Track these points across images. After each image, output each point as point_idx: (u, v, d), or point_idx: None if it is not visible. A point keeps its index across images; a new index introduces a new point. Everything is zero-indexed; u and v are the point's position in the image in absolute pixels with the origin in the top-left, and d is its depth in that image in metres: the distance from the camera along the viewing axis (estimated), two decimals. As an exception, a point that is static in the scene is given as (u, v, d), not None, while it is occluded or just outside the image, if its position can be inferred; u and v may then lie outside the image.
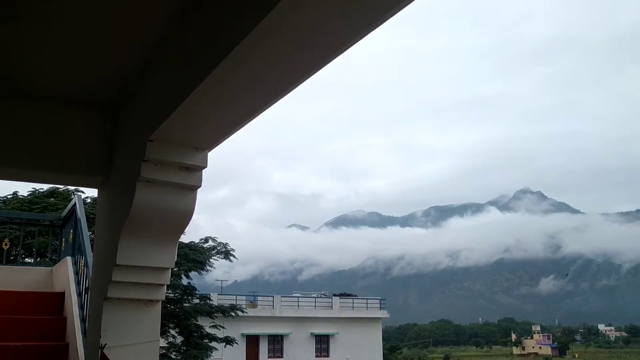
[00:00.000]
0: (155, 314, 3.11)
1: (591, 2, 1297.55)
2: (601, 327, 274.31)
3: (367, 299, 45.44)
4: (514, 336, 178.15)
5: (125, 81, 3.13)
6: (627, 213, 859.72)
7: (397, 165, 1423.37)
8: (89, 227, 7.75)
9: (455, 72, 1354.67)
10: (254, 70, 2.01)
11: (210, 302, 26.51)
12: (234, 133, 2.70)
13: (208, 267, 25.43)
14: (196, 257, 24.40)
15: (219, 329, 25.59)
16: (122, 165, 3.20)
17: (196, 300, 25.39)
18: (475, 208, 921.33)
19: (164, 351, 23.39)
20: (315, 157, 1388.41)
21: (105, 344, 2.84)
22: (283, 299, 44.09)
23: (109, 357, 2.80)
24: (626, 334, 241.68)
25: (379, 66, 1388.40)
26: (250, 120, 2.56)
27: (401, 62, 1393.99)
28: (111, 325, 2.93)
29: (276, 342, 41.43)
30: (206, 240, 26.77)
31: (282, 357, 40.46)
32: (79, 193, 18.85)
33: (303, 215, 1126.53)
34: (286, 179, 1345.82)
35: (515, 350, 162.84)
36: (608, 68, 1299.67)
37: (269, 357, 41.05)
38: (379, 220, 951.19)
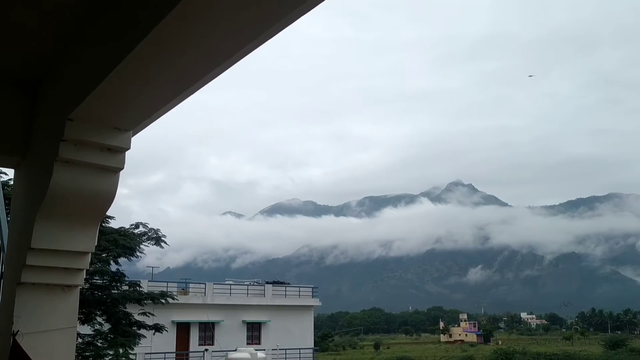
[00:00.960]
0: (72, 300, 2.97)
1: (523, 2, 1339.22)
2: (524, 315, 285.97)
3: (299, 287, 45.70)
4: (442, 324, 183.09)
5: (45, 58, 2.99)
6: (552, 207, 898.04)
7: (333, 155, 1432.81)
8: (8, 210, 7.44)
9: (392, 64, 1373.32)
10: (175, 51, 1.95)
11: (140, 289, 26.00)
12: (159, 115, 2.65)
13: (138, 254, 24.93)
14: (126, 243, 23.85)
15: (149, 317, 25.16)
16: (40, 145, 3.07)
17: (125, 287, 24.87)
18: (409, 199, 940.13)
19: (90, 339, 22.84)
20: (252, 144, 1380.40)
21: (18, 331, 2.73)
22: (215, 286, 43.74)
23: (21, 344, 2.71)
24: (546, 322, 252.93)
25: (317, 55, 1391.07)
26: (177, 103, 2.51)
27: (340, 52, 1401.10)
28: (25, 311, 2.79)
29: (207, 329, 41.13)
30: (137, 226, 26.21)
31: (212, 344, 40.23)
32: None
33: (238, 202, 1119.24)
34: (222, 166, 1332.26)
35: (443, 338, 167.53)
36: (537, 66, 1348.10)
37: (199, 345, 40.72)
38: (314, 209, 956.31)
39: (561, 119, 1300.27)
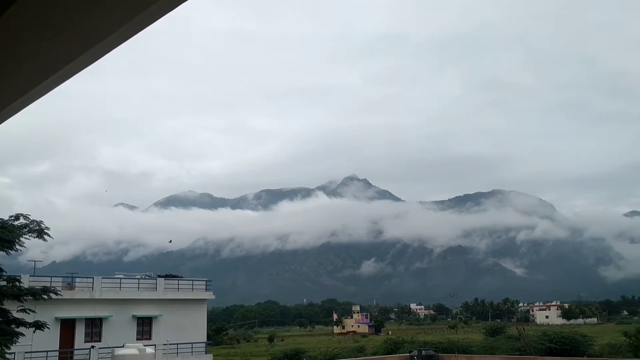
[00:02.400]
0: None
1: (417, 3, 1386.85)
2: (413, 306, 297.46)
3: (193, 280, 44.93)
4: (335, 316, 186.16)
5: None
6: (441, 202, 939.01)
7: (231, 147, 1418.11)
8: None
9: (291, 59, 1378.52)
10: (38, 34, 1.79)
11: (20, 285, 24.59)
12: (28, 101, 2.47)
13: (18, 247, 23.56)
14: (3, 235, 22.47)
15: (29, 313, 23.83)
16: None
17: (2, 283, 23.43)
18: (305, 193, 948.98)
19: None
20: (147, 134, 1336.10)
21: None
22: (104, 280, 42.09)
23: None
24: (434, 312, 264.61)
25: (216, 46, 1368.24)
26: (47, 87, 2.30)
27: (239, 44, 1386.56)
28: None
29: (94, 325, 39.52)
30: (17, 217, 24.74)
31: (100, 341, 38.73)
32: None
33: (131, 194, 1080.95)
34: (115, 156, 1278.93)
35: (336, 330, 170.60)
36: (428, 67, 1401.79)
37: (85, 342, 39.05)
38: (211, 202, 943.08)
39: (451, 119, 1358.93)
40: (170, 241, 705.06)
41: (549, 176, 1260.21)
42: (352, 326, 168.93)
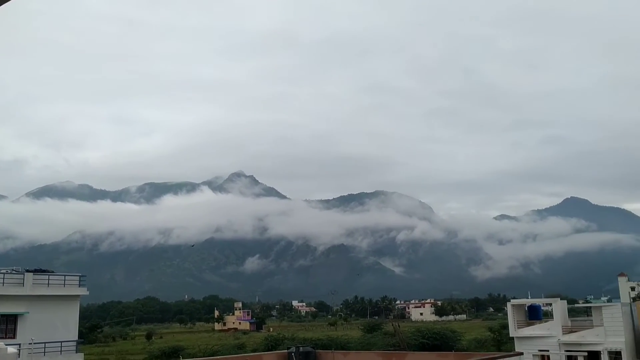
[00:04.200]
0: None
1: (309, 3, 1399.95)
2: (295, 303, 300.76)
3: (65, 275, 42.63)
4: (216, 313, 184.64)
5: None
6: (326, 201, 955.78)
7: (113, 138, 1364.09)
8: None
9: (178, 50, 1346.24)
10: None
11: None
12: None
13: None
14: None
15: None
16: None
17: None
18: (190, 187, 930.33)
19: None
20: (21, 119, 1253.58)
21: None
22: (-36, 275, 38.91)
23: None
24: (315, 309, 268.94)
25: (100, 31, 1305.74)
26: None
27: (124, 31, 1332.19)
28: None
29: (-49, 323, 36.47)
30: None
31: (-43, 340, 35.73)
32: None
33: (1, 182, 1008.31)
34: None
35: (217, 326, 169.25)
36: (319, 67, 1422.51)
37: (-61, 341, 35.87)
38: (90, 193, 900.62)
39: (337, 119, 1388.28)
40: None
41: (428, 180, 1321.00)
42: (234, 323, 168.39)
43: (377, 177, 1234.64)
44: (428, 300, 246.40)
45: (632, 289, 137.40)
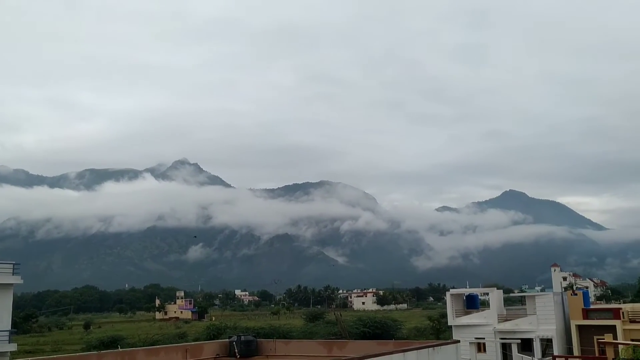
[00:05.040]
0: None
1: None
2: (238, 292, 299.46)
3: (-2, 263, 41.14)
4: (157, 302, 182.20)
5: None
6: (271, 190, 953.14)
7: (51, 122, 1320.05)
8: None
9: (121, 33, 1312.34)
10: None
11: None
12: None
13: None
14: None
15: None
16: None
17: None
18: (132, 174, 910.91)
19: None
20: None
21: None
22: None
23: None
24: (258, 298, 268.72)
25: (34, 9, 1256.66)
26: None
27: (64, 12, 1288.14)
28: None
29: None
30: None
31: None
32: None
33: None
34: None
35: (158, 315, 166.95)
36: (264, 56, 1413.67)
37: None
38: (26, 179, 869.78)
39: (283, 108, 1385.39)
40: None
41: (372, 170, 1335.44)
42: (175, 312, 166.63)
43: (322, 167, 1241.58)
44: (370, 290, 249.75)
45: (564, 279, 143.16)
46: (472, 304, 49.56)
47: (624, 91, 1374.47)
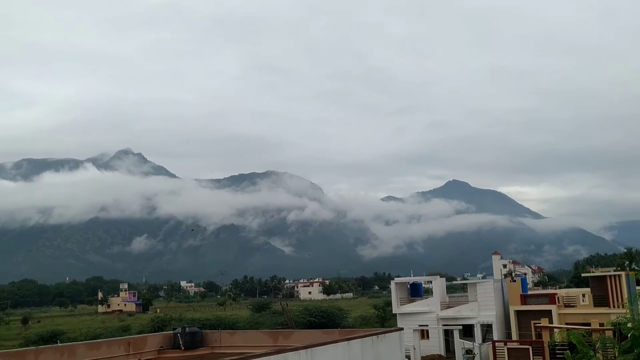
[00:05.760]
0: None
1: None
2: (184, 283, 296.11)
3: None
4: (100, 295, 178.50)
5: None
6: (217, 180, 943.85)
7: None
8: None
9: (61, 18, 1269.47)
10: None
11: None
12: None
13: None
14: None
15: None
16: None
17: None
18: (73, 164, 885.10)
19: None
20: None
21: None
22: None
23: None
24: (204, 290, 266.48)
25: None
26: None
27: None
28: None
29: None
30: None
31: None
32: None
33: None
34: None
35: (101, 309, 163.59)
36: (210, 44, 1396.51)
37: None
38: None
39: (229, 98, 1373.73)
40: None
41: (319, 161, 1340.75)
42: (119, 305, 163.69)
43: (269, 157, 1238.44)
44: (316, 280, 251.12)
45: (504, 266, 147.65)
46: (416, 292, 50.56)
47: (561, 84, 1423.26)
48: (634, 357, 9.52)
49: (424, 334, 44.93)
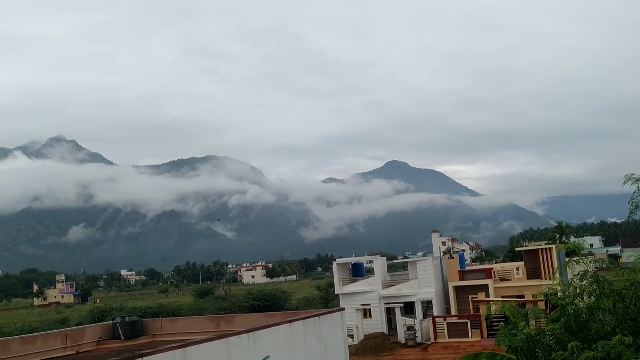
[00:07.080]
0: None
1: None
2: (124, 272, 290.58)
3: None
4: (35, 287, 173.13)
5: None
6: (156, 166, 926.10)
7: None
8: None
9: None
10: None
11: None
12: None
13: None
14: None
15: None
16: None
17: None
18: (2, 153, 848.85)
19: None
20: None
21: None
22: None
23: None
24: (145, 277, 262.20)
25: None
26: None
27: None
28: None
29: None
30: None
31: None
32: None
33: None
34: None
35: (37, 301, 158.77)
36: (142, 27, 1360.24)
37: None
38: None
39: (164, 82, 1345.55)
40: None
41: (258, 144, 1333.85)
42: (55, 297, 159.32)
43: (208, 142, 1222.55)
44: (259, 263, 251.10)
45: (443, 243, 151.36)
46: (357, 272, 51.20)
47: (493, 64, 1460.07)
48: (560, 325, 10.04)
49: (366, 313, 45.64)
